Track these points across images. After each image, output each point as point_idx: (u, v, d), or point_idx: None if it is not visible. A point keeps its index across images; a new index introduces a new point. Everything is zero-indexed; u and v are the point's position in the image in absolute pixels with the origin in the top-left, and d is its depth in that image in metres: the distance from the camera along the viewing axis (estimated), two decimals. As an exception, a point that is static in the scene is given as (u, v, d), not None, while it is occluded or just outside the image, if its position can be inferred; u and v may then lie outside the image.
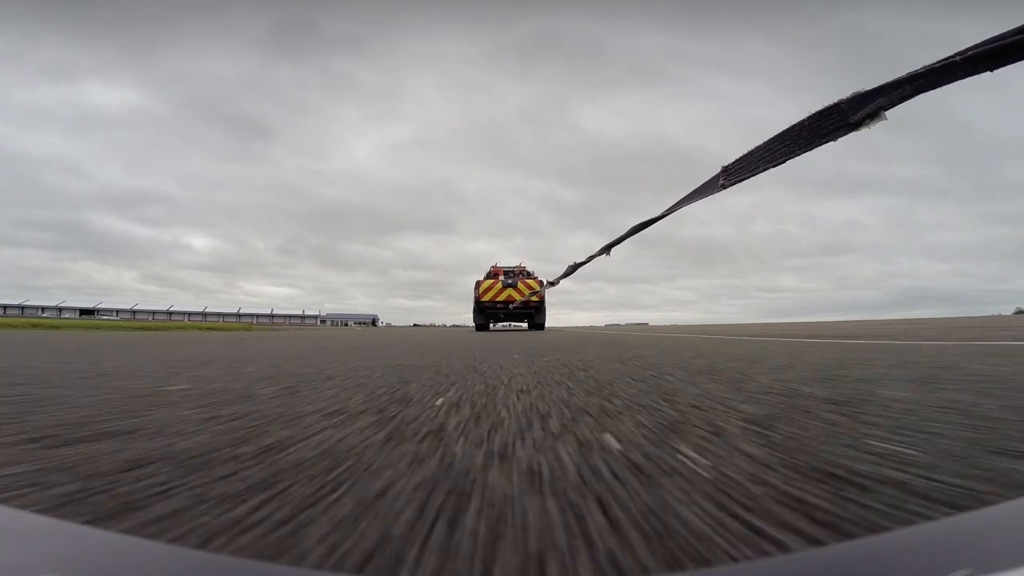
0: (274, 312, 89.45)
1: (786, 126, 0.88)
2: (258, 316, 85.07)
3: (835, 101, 0.75)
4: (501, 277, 13.85)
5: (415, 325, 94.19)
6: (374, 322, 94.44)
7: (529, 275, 13.97)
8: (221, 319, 76.46)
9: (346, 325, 78.10)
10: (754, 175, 1.07)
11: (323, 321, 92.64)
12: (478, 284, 13.65)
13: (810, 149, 0.85)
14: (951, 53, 0.57)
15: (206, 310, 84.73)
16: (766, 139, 0.97)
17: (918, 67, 0.61)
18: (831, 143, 0.80)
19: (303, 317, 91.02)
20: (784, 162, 0.95)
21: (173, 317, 76.68)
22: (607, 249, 2.41)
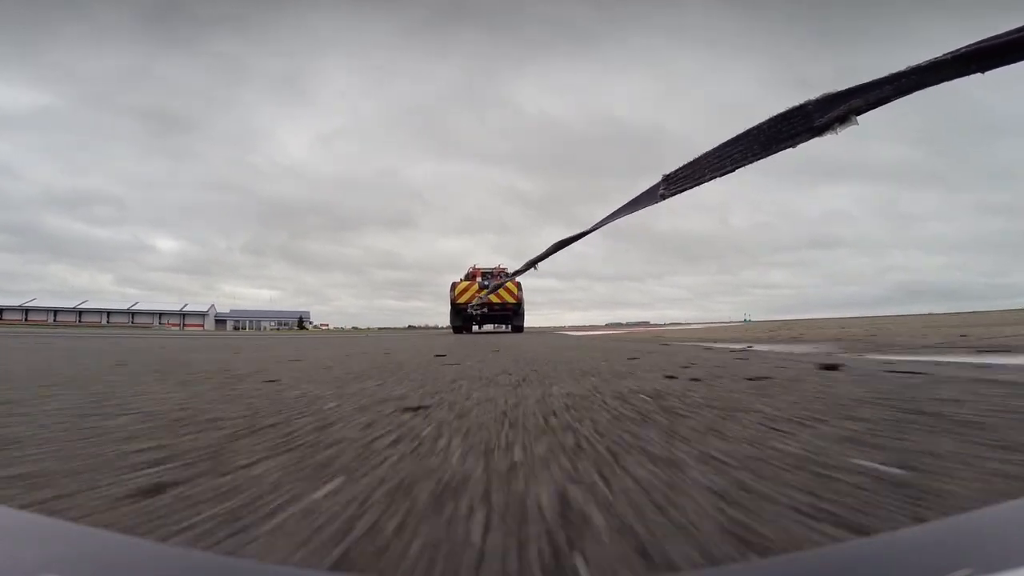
0: (135, 308, 62.68)
1: (742, 130, 0.83)
2: (111, 312, 60.84)
3: (801, 102, 0.70)
4: (479, 279, 13.47)
5: (410, 327, 78.66)
6: (301, 323, 64.93)
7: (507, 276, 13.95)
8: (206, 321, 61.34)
9: (258, 328, 55.60)
10: (699, 184, 1.02)
11: (220, 321, 62.14)
12: (454, 286, 13.09)
13: (766, 155, 0.80)
14: (941, 53, 0.52)
15: (185, 309, 63.23)
16: (716, 144, 0.92)
17: (902, 67, 0.56)
18: (790, 149, 0.76)
19: (183, 315, 62.58)
20: (733, 171, 0.90)
21: (136, 318, 59.54)
22: (534, 264, 2.37)
